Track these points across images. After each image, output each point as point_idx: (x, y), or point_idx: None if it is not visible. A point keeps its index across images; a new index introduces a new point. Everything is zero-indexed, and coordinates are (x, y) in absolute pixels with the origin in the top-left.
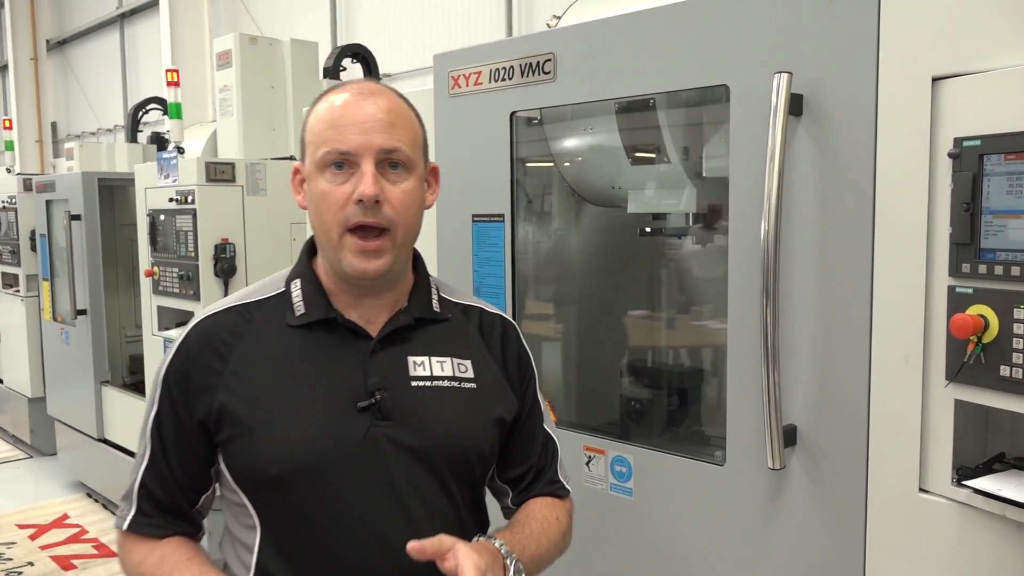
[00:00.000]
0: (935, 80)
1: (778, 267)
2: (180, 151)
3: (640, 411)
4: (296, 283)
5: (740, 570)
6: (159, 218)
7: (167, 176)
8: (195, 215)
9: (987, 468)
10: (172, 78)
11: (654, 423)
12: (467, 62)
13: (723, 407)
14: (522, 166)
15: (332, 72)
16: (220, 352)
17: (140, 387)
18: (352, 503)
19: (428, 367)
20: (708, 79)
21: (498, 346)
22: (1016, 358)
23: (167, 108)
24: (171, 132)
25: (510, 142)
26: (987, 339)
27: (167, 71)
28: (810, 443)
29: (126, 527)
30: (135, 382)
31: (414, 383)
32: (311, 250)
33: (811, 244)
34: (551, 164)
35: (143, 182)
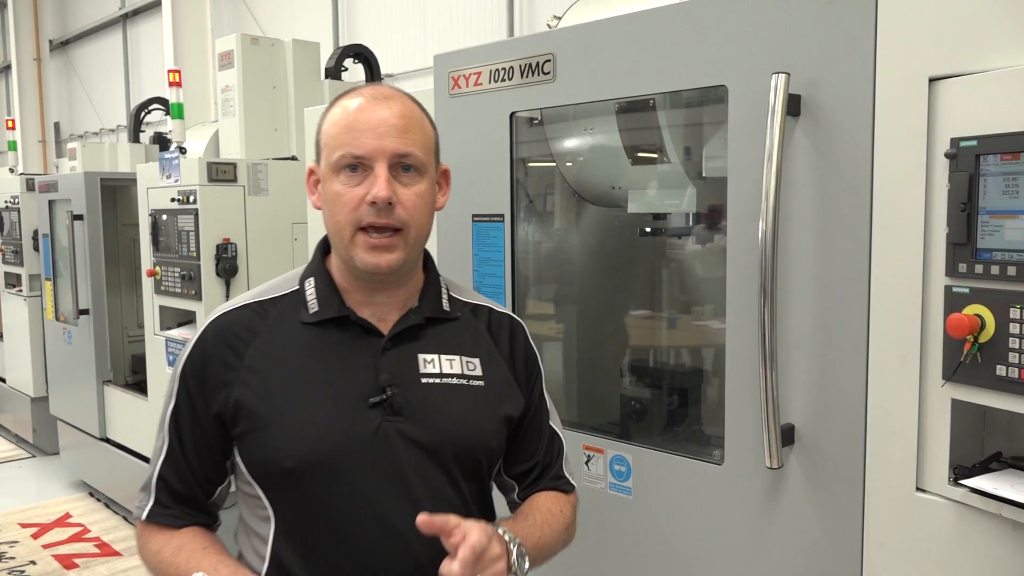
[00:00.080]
0: (932, 81)
1: (776, 267)
2: (182, 151)
3: (640, 411)
4: (310, 281)
5: (738, 568)
6: (161, 218)
7: (169, 176)
8: (197, 215)
9: (984, 467)
10: (174, 78)
11: (654, 423)
12: (467, 62)
13: (723, 407)
14: (523, 166)
15: (334, 72)
16: (236, 348)
17: (142, 386)
18: (364, 495)
19: (438, 364)
20: (706, 80)
21: (506, 344)
22: (1012, 357)
23: (169, 108)
24: (173, 132)
25: (510, 142)
26: (983, 339)
27: (169, 71)
28: (808, 442)
29: (145, 517)
30: (137, 381)
31: (424, 380)
32: (324, 249)
33: (809, 244)
34: (552, 164)
35: (145, 182)
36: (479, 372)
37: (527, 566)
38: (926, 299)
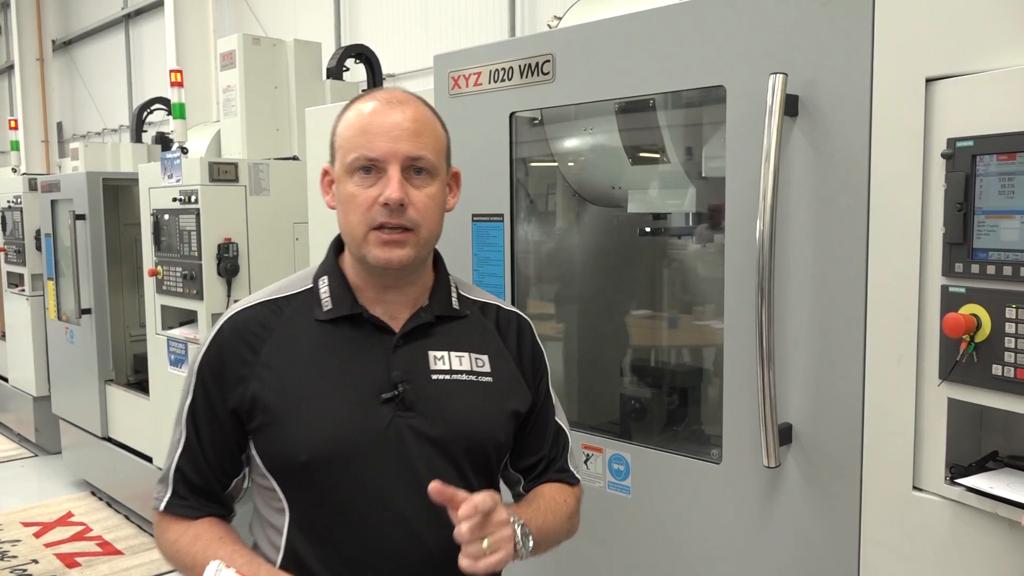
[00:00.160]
0: (929, 81)
1: (773, 266)
2: (184, 151)
3: (640, 410)
4: (324, 280)
5: (736, 567)
6: (163, 218)
7: (171, 176)
8: (198, 215)
9: (980, 466)
10: (176, 78)
11: (654, 422)
12: (467, 63)
13: (723, 406)
14: (523, 166)
15: (335, 72)
16: (252, 344)
17: (144, 386)
18: (376, 488)
19: (448, 361)
20: (705, 80)
21: (514, 342)
22: (1008, 357)
23: (171, 108)
24: (175, 132)
25: (510, 142)
26: (980, 338)
27: (171, 71)
28: (805, 441)
29: (162, 508)
30: (139, 381)
31: (434, 376)
32: (338, 248)
33: (806, 243)
34: (552, 164)
35: (147, 182)
36: (487, 369)
37: (531, 545)
38: (923, 299)
